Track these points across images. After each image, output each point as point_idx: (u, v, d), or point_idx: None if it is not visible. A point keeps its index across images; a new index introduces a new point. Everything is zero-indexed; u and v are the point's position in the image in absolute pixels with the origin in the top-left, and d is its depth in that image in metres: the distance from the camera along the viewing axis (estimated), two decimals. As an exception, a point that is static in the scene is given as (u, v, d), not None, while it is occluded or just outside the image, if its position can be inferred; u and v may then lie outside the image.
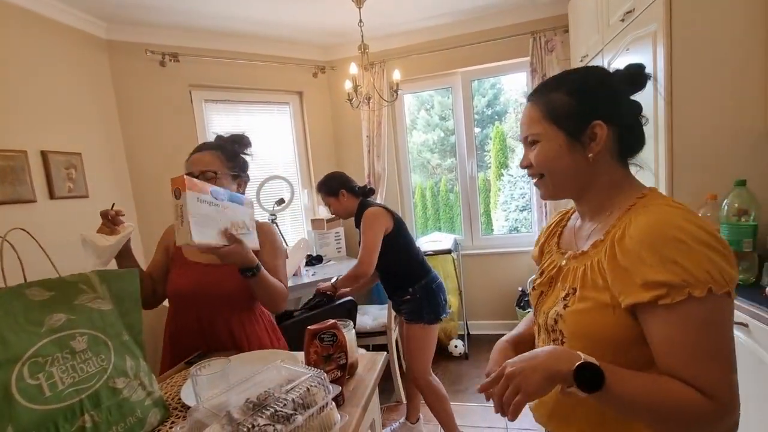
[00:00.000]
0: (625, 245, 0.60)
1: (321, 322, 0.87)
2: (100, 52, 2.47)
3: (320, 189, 1.99)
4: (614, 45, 1.88)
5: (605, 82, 0.70)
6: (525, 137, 0.74)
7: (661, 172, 1.52)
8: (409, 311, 1.86)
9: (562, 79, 0.72)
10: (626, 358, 0.61)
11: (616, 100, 0.69)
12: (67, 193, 2.17)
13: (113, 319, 0.82)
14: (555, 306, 0.71)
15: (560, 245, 0.81)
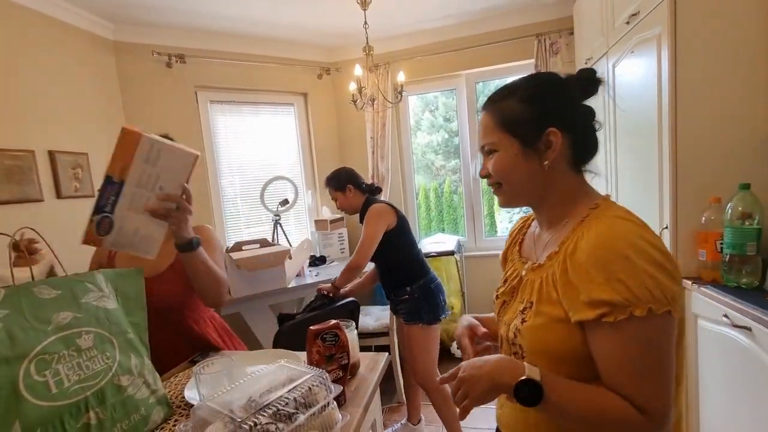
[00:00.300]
0: (576, 260, 0.61)
1: (323, 322, 0.87)
2: (107, 53, 2.49)
3: (329, 183, 2.01)
4: (619, 47, 1.88)
5: (559, 88, 0.69)
6: (482, 146, 0.73)
7: (665, 175, 1.52)
8: (407, 311, 1.86)
9: (516, 87, 0.70)
10: (581, 371, 0.62)
11: (570, 107, 0.68)
12: (73, 192, 2.19)
13: (118, 318, 0.83)
14: (515, 319, 0.70)
15: (522, 253, 0.81)
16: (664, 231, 1.54)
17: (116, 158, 0.93)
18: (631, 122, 1.82)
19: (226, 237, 2.99)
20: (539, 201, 0.73)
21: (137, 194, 0.95)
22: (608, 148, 2.11)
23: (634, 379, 0.57)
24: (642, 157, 1.72)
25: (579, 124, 0.68)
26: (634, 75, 1.76)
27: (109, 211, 0.95)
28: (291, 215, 3.22)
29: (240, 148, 3.06)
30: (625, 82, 1.86)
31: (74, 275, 0.81)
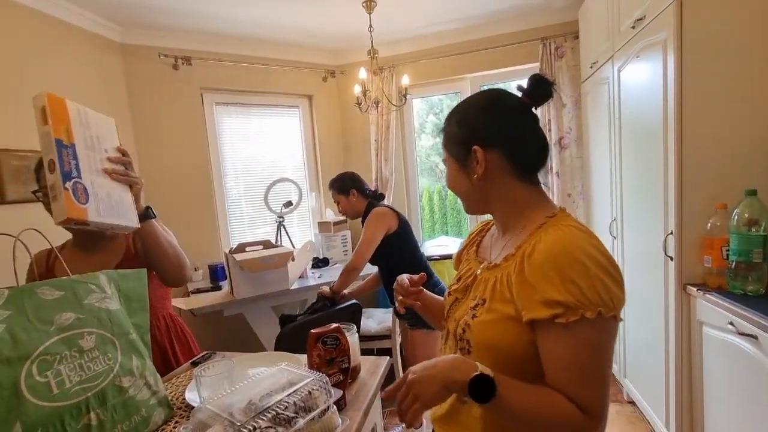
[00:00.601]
0: (533, 261, 0.63)
1: (325, 325, 0.87)
2: (114, 55, 2.52)
3: (332, 186, 2.03)
4: (625, 52, 1.87)
5: (486, 107, 0.73)
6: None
7: (670, 181, 1.50)
8: (412, 315, 1.84)
9: (455, 110, 0.77)
10: (525, 370, 0.64)
11: (496, 124, 0.71)
12: (79, 192, 2.21)
13: (121, 319, 0.84)
14: (465, 315, 0.73)
15: (478, 254, 0.84)
16: (669, 237, 1.53)
17: (57, 120, 0.85)
18: (636, 126, 1.81)
19: (230, 238, 3.00)
20: (490, 209, 0.78)
21: (90, 157, 0.89)
22: (613, 152, 2.10)
23: (579, 380, 0.60)
24: (647, 162, 1.71)
25: (510, 139, 0.71)
26: (639, 79, 1.75)
27: (77, 176, 0.84)
28: (294, 217, 3.23)
29: (245, 150, 3.07)
30: (630, 86, 1.85)
31: (78, 276, 0.82)
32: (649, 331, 1.78)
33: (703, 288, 1.40)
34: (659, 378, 1.67)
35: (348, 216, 2.05)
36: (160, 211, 2.68)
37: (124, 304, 0.89)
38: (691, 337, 1.49)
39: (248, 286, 2.20)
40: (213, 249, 2.86)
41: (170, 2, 2.26)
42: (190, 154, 2.79)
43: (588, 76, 2.46)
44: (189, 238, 2.80)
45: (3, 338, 0.64)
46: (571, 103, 2.72)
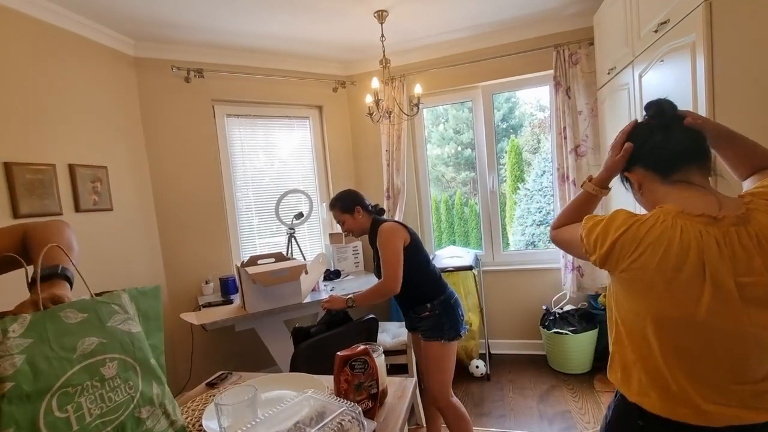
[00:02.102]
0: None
1: (342, 341, 0.82)
2: (128, 69, 2.53)
3: (334, 206, 1.95)
4: (646, 57, 1.82)
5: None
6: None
7: (702, 189, 1.44)
8: (428, 328, 1.79)
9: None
10: None
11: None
12: (92, 206, 2.19)
13: (142, 342, 0.79)
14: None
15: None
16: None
17: None
18: (661, 133, 1.76)
19: (240, 249, 2.97)
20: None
21: None
22: (635, 160, 2.04)
23: None
24: (674, 170, 1.64)
25: (642, 154, 0.94)
26: (664, 84, 1.70)
27: None
28: (305, 228, 3.19)
29: (255, 161, 3.06)
30: (653, 91, 1.80)
31: (99, 295, 0.77)
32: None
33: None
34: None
35: (354, 234, 1.96)
36: (171, 225, 2.68)
37: (143, 324, 0.85)
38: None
39: (260, 299, 2.16)
40: (224, 262, 2.83)
41: (183, 16, 2.27)
42: (202, 165, 2.78)
43: (605, 83, 2.41)
44: (200, 251, 2.78)
45: (23, 371, 0.59)
46: (587, 110, 2.67)
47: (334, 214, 1.96)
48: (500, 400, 2.49)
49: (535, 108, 5.56)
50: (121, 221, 2.38)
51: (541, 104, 5.29)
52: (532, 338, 3.03)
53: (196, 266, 2.76)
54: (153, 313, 0.88)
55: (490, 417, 2.32)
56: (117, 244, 2.34)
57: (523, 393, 2.53)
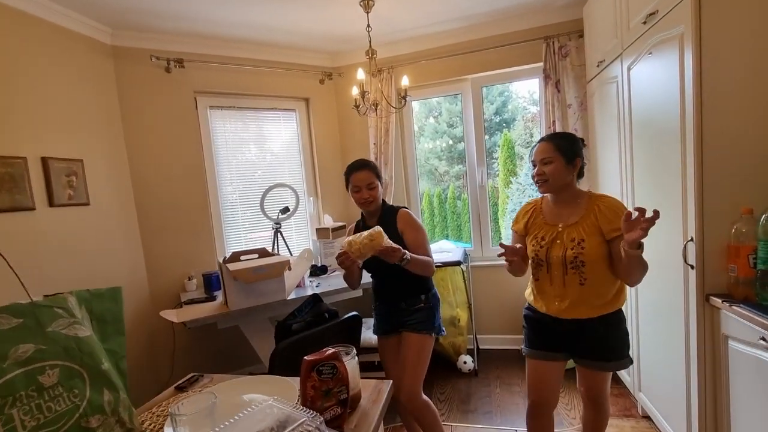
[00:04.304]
0: (604, 211, 1.35)
1: (319, 351, 0.78)
2: (105, 58, 2.43)
3: (368, 166, 1.77)
4: (635, 49, 1.78)
5: (577, 140, 1.47)
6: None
7: (689, 185, 1.41)
8: (420, 321, 1.73)
9: (566, 134, 1.51)
10: (608, 264, 1.36)
11: (581, 149, 1.46)
12: (67, 200, 2.12)
13: (92, 347, 0.74)
14: (569, 250, 1.36)
15: (548, 221, 1.46)
16: (689, 243, 1.43)
17: None
18: (649, 126, 1.73)
19: (225, 245, 2.91)
20: (564, 190, 1.44)
21: None
22: (623, 153, 2.01)
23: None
24: (662, 164, 1.62)
25: (582, 157, 1.43)
26: (652, 77, 1.66)
27: None
28: (292, 223, 3.14)
29: (240, 155, 2.99)
30: (642, 84, 1.77)
31: (42, 299, 0.72)
32: (666, 343, 1.68)
33: (729, 299, 1.31)
34: (679, 394, 1.57)
35: (369, 207, 1.76)
36: (152, 220, 2.61)
37: (97, 328, 0.80)
38: (716, 352, 1.39)
39: (243, 297, 2.11)
40: (208, 257, 2.77)
41: (162, 4, 2.18)
42: (184, 159, 2.70)
43: (594, 76, 2.38)
44: (183, 247, 2.71)
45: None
46: (576, 104, 2.64)
47: (365, 175, 1.73)
48: (487, 396, 2.47)
49: (529, 102, 5.52)
50: (98, 216, 2.30)
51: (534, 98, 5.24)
52: (521, 333, 3.01)
53: (179, 262, 2.69)
54: (111, 316, 0.83)
55: (476, 414, 2.30)
56: (94, 239, 2.27)
57: (511, 389, 2.52)
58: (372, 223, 1.79)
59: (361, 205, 1.77)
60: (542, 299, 1.47)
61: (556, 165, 1.37)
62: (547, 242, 1.41)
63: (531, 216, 1.51)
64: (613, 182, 2.17)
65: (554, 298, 1.42)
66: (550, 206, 1.48)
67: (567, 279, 1.37)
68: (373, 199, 1.74)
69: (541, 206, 1.51)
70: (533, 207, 1.53)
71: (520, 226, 1.54)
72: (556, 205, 1.46)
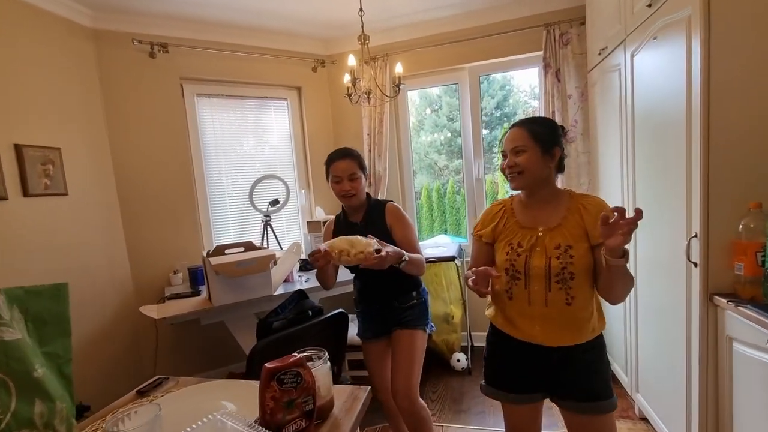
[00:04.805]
0: (590, 211, 1.11)
1: (283, 358, 0.69)
2: (85, 42, 2.33)
3: (351, 155, 1.60)
4: (639, 34, 1.69)
5: (557, 126, 1.20)
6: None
7: (694, 178, 1.33)
8: (413, 317, 1.63)
9: (542, 119, 1.23)
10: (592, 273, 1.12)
11: (560, 137, 1.19)
12: (43, 190, 2.03)
13: (22, 351, 0.66)
14: (554, 259, 1.10)
15: (523, 224, 1.19)
16: (692, 240, 1.35)
17: None
18: (652, 116, 1.64)
19: (212, 238, 2.82)
20: (539, 186, 1.18)
21: None
22: (624, 145, 1.92)
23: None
24: (666, 156, 1.53)
25: (562, 147, 1.19)
26: (657, 64, 1.57)
27: None
28: (282, 216, 3.05)
29: (229, 145, 2.89)
30: (645, 72, 1.67)
31: None
32: (666, 344, 1.61)
33: (734, 299, 1.23)
34: (679, 397, 1.49)
35: (350, 201, 1.60)
36: (136, 211, 2.52)
37: (34, 330, 0.71)
38: (719, 354, 1.32)
39: (227, 292, 2.03)
40: (194, 251, 2.69)
41: (142, -17, 2.08)
42: (170, 149, 2.61)
43: (596, 64, 2.28)
44: (168, 239, 2.63)
45: None
46: (577, 94, 2.54)
47: (347, 165, 1.56)
48: (480, 395, 2.39)
49: (530, 96, 5.42)
50: (77, 207, 2.21)
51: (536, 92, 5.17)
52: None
53: (164, 255, 2.61)
54: (51, 316, 0.74)
55: (469, 414, 2.23)
56: (73, 231, 2.18)
57: (504, 388, 2.45)
58: (356, 218, 1.65)
59: (342, 198, 1.61)
60: (518, 323, 1.17)
61: (530, 155, 1.12)
62: (525, 249, 1.13)
63: (501, 219, 1.23)
64: (614, 175, 2.09)
65: (535, 320, 1.14)
66: (523, 207, 1.21)
67: (550, 297, 1.10)
68: (356, 191, 1.58)
69: (511, 207, 1.24)
70: (502, 208, 1.25)
71: (486, 231, 1.24)
72: (531, 205, 1.20)
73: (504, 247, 1.18)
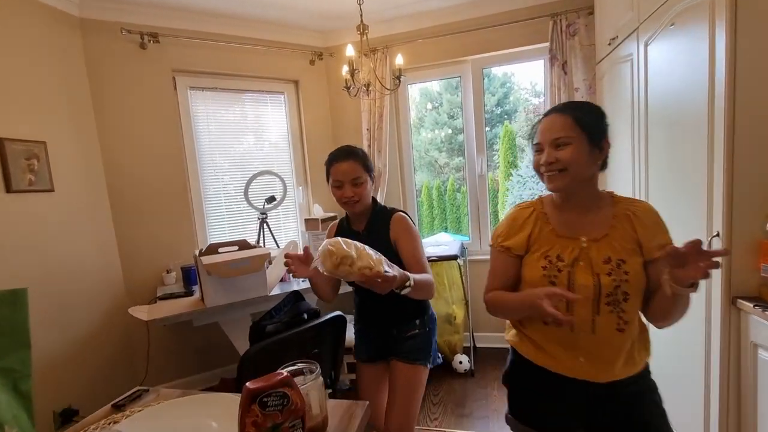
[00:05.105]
0: (642, 221, 0.95)
1: (266, 376, 0.61)
2: (72, 31, 2.23)
3: (356, 155, 1.38)
4: (654, 21, 1.59)
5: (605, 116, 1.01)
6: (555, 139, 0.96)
7: (716, 175, 1.24)
8: (414, 349, 1.42)
9: (591, 106, 1.02)
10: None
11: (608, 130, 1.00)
12: (27, 186, 1.94)
13: (-33, 369, 0.57)
14: (604, 276, 0.92)
15: (560, 233, 0.99)
16: (714, 239, 1.26)
17: None
18: (668, 109, 1.54)
19: (207, 236, 2.74)
20: (581, 186, 0.98)
21: None
22: (636, 141, 1.83)
23: None
24: (683, 152, 1.44)
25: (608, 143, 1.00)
26: (674, 54, 1.47)
27: None
28: (279, 213, 2.96)
29: (224, 140, 2.80)
30: (661, 63, 1.58)
31: None
32: (684, 350, 1.52)
33: (760, 303, 1.14)
34: (697, 407, 1.41)
35: (353, 208, 1.39)
36: (127, 209, 2.43)
37: (-13, 342, 0.62)
38: (741, 362, 1.23)
39: (220, 292, 1.95)
40: (188, 249, 2.60)
41: (130, -31, 1.98)
42: (162, 143, 2.52)
43: (605, 55, 2.18)
44: (161, 237, 2.54)
45: None
46: (585, 87, 2.45)
47: (349, 167, 1.35)
48: (483, 399, 2.32)
49: (531, 93, 5.34)
50: (64, 203, 2.13)
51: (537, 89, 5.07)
52: (520, 332, 2.86)
53: (157, 254, 2.52)
54: (8, 326, 0.65)
55: (471, 418, 2.15)
56: (59, 229, 2.09)
57: (508, 391, 2.37)
58: (358, 227, 1.45)
59: (343, 205, 1.39)
60: (555, 353, 0.97)
61: (576, 148, 0.92)
62: (566, 264, 0.94)
63: (534, 225, 1.02)
64: (624, 174, 1.99)
65: (579, 351, 0.94)
66: (558, 211, 1.02)
67: (599, 322, 0.92)
68: (359, 198, 1.36)
69: (543, 211, 1.04)
70: (533, 212, 1.04)
71: (518, 241, 1.02)
72: (568, 209, 1.00)
73: (539, 260, 0.98)
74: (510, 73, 5.32)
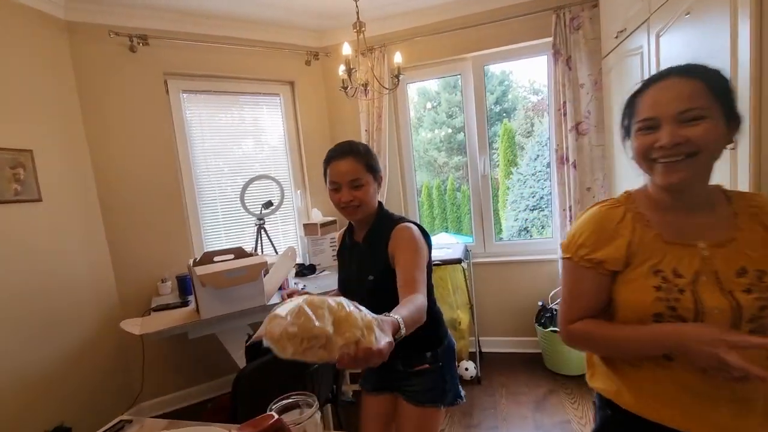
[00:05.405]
0: None
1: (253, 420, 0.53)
2: (58, 35, 2.15)
3: (358, 153, 1.16)
4: (666, 11, 1.51)
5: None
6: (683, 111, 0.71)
7: (741, 174, 1.15)
8: (423, 389, 1.18)
9: (723, 75, 0.75)
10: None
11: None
12: (12, 196, 1.86)
13: None
14: (744, 294, 0.69)
15: (667, 238, 0.77)
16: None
17: None
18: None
19: (203, 244, 2.66)
20: (701, 178, 0.77)
21: None
22: (648, 137, 1.75)
23: None
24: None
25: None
26: (689, 44, 1.39)
27: None
28: (277, 219, 2.88)
29: (218, 144, 2.72)
30: (675, 54, 1.50)
31: None
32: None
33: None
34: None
35: (354, 215, 1.18)
36: (119, 219, 2.35)
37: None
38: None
39: (216, 303, 1.87)
40: (183, 257, 2.52)
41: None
42: (154, 149, 2.44)
43: (612, 49, 2.10)
44: (155, 246, 2.46)
45: None
46: (590, 83, 2.36)
47: (348, 166, 1.14)
48: (492, 408, 2.24)
49: (529, 91, 5.27)
50: (53, 213, 2.05)
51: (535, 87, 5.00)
52: (527, 335, 2.79)
53: (151, 263, 2.44)
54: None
55: (480, 429, 2.07)
56: (48, 240, 2.01)
57: (517, 399, 2.29)
58: (359, 236, 1.24)
59: (341, 211, 1.18)
60: (681, 404, 0.74)
61: (713, 125, 0.70)
62: (688, 281, 0.72)
63: (632, 231, 0.79)
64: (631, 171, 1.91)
65: (719, 400, 0.72)
66: (660, 211, 0.80)
67: (743, 357, 0.65)
68: (359, 203, 1.15)
69: (638, 212, 0.81)
70: (625, 213, 0.82)
71: (613, 253, 0.79)
72: (674, 207, 0.78)
73: (647, 276, 0.74)
74: (508, 71, 5.24)
